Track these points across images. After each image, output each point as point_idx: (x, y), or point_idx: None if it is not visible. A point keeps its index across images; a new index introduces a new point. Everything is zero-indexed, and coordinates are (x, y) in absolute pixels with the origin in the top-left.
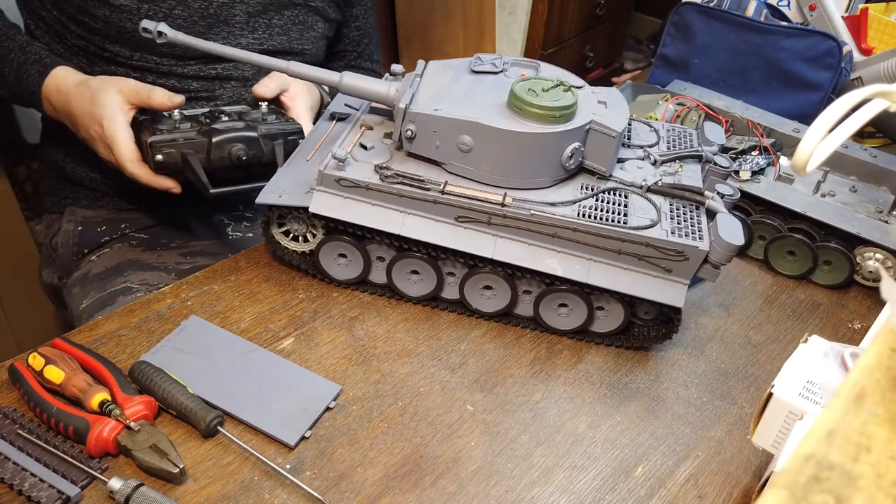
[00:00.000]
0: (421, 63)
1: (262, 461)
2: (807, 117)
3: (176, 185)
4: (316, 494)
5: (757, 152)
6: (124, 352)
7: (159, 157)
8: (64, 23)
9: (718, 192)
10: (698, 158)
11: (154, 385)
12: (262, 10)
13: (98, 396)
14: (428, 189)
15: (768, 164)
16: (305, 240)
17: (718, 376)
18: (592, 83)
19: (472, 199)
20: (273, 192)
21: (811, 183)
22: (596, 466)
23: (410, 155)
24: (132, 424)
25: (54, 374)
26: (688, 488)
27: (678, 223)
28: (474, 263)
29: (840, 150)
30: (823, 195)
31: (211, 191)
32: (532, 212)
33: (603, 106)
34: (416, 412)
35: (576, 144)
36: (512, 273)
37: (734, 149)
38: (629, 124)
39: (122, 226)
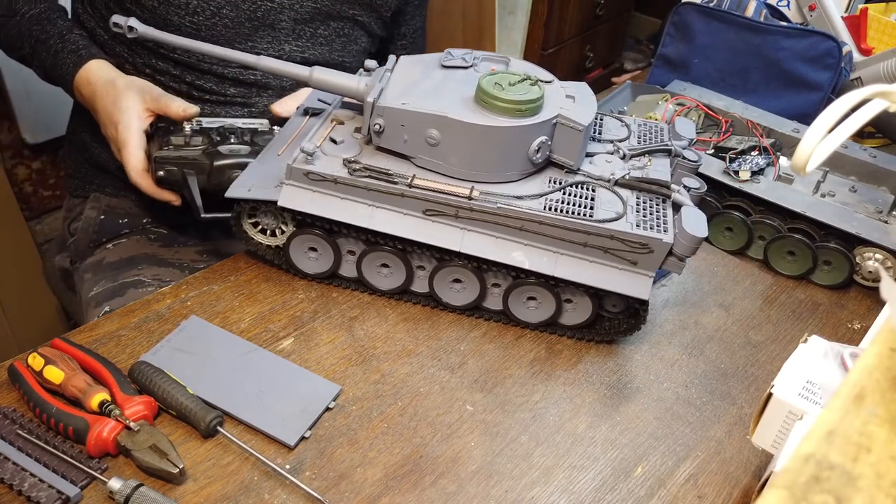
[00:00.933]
0: (392, 58)
1: (261, 461)
2: (807, 117)
3: (177, 198)
4: (316, 494)
5: (757, 152)
6: (124, 352)
7: (160, 173)
8: (111, 8)
9: (685, 186)
10: (667, 153)
11: (154, 385)
12: (308, 19)
13: (98, 397)
14: (396, 182)
15: (768, 165)
16: (277, 234)
17: (718, 376)
18: (592, 83)
19: (440, 192)
20: (243, 186)
21: (811, 183)
22: (596, 466)
23: (379, 149)
24: (132, 425)
25: (54, 375)
26: (687, 488)
27: (644, 216)
28: (443, 257)
29: (840, 150)
30: (823, 195)
31: (202, 215)
32: (499, 205)
33: (571, 100)
34: (416, 412)
35: (542, 138)
36: (480, 266)
37: (734, 149)
38: (600, 119)
39: (144, 221)
